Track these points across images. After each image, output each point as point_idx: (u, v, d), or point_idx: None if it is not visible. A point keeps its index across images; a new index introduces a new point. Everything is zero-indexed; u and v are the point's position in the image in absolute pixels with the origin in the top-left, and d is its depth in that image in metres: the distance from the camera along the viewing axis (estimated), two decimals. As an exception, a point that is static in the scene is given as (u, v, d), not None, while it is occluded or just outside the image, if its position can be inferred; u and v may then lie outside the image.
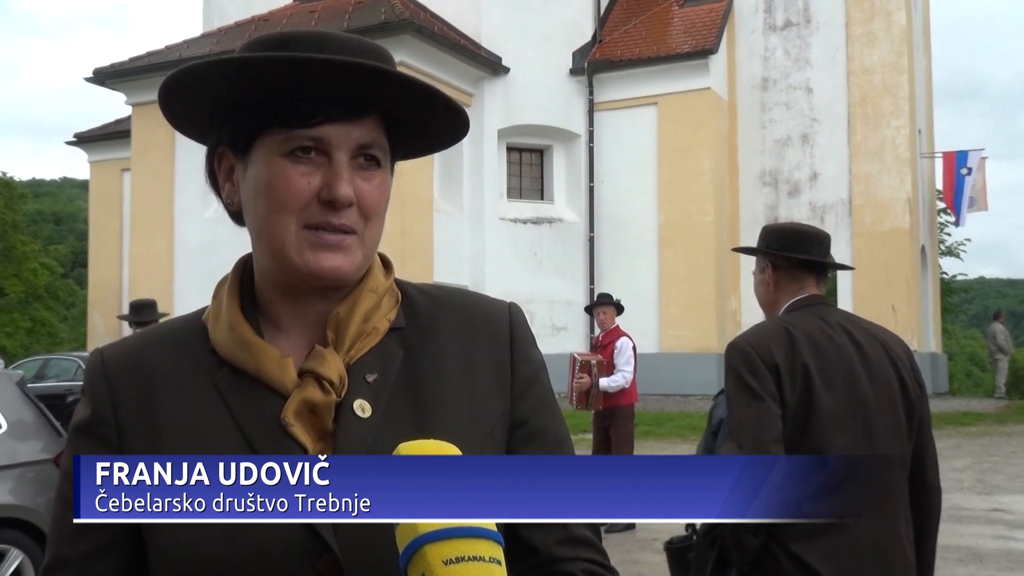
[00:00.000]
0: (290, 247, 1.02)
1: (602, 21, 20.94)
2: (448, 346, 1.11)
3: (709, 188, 18.79)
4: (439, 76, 16.94)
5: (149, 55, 19.22)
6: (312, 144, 1.01)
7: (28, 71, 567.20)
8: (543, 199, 20.19)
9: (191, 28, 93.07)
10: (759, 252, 2.81)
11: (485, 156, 18.94)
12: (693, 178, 18.79)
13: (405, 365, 1.08)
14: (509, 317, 1.15)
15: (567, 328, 19.26)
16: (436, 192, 18.08)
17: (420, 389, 1.07)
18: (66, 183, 77.95)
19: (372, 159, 1.04)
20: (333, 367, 1.03)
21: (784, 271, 2.74)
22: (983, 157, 20.19)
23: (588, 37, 20.49)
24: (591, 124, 19.97)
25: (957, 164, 19.96)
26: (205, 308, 1.13)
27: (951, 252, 28.86)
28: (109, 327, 21.17)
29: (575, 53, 20.17)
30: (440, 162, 18.10)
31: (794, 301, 2.70)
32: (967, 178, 19.77)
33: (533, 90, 19.43)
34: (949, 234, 27.73)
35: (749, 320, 19.45)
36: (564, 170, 20.19)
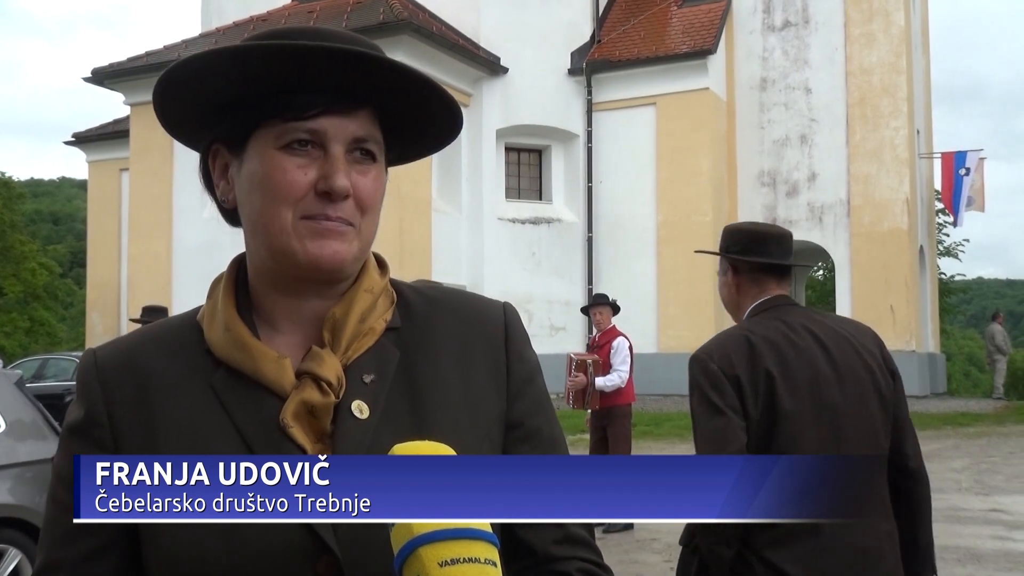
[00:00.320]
0: (288, 237, 1.02)
1: (600, 21, 20.94)
2: (444, 346, 1.10)
3: (707, 188, 18.79)
4: (438, 76, 16.92)
5: (148, 55, 19.21)
6: (308, 137, 1.01)
7: (27, 71, 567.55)
8: (541, 199, 20.19)
9: (190, 28, 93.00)
10: (717, 254, 2.79)
11: (483, 156, 18.94)
12: (691, 178, 18.78)
13: (402, 365, 1.07)
14: (504, 317, 1.15)
15: (565, 328, 19.26)
16: (434, 192, 18.08)
17: (417, 390, 1.07)
18: (64, 183, 77.91)
19: (367, 153, 1.05)
20: (331, 368, 1.03)
21: (745, 274, 2.73)
22: (981, 158, 20.18)
23: (587, 37, 20.49)
24: (589, 124, 19.96)
25: (955, 165, 19.96)
26: (199, 308, 1.12)
27: (949, 252, 28.87)
28: (108, 327, 21.17)
29: (574, 53, 20.16)
30: (438, 162, 18.09)
31: (756, 304, 2.70)
32: (965, 178, 19.77)
33: (532, 90, 19.43)
34: (947, 234, 27.76)
35: (747, 320, 19.48)
36: (562, 170, 20.18)
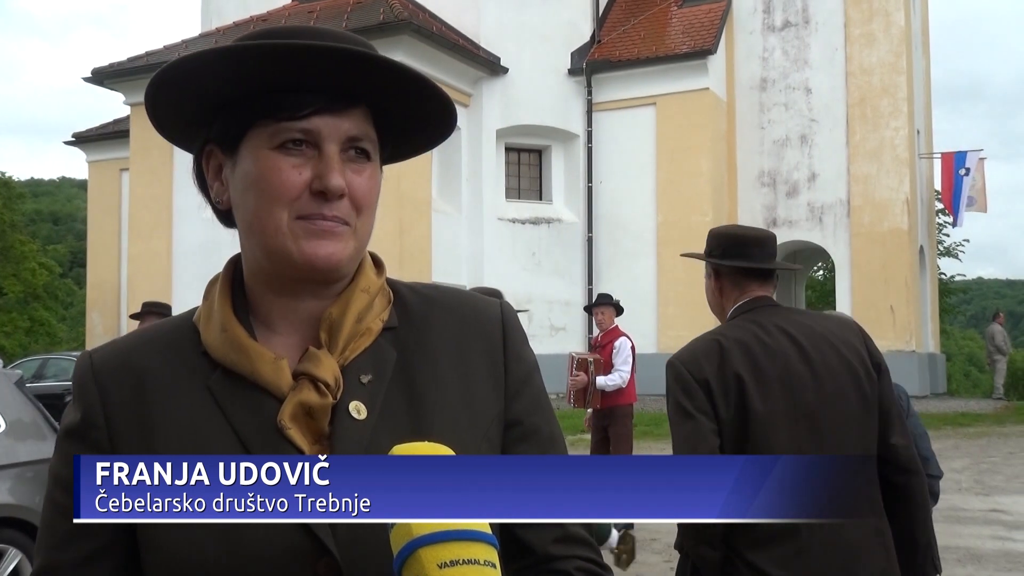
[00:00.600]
0: (283, 237, 1.01)
1: (601, 21, 20.93)
2: (442, 346, 1.10)
3: (707, 189, 18.78)
4: (437, 76, 16.92)
5: (147, 55, 19.20)
6: (302, 136, 1.01)
7: (27, 71, 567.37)
8: (541, 199, 20.18)
9: (189, 28, 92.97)
10: (700, 258, 2.84)
11: (483, 156, 18.93)
12: (691, 178, 18.78)
13: (399, 366, 1.07)
14: (502, 316, 1.15)
15: (565, 328, 19.25)
16: (434, 192, 18.07)
17: (415, 390, 1.06)
18: (64, 183, 77.88)
19: (362, 152, 1.04)
20: (328, 369, 1.02)
21: (726, 277, 2.77)
22: (981, 158, 20.18)
23: (587, 37, 20.48)
24: (589, 124, 19.95)
25: (955, 165, 19.95)
26: (195, 309, 1.12)
27: (949, 253, 28.87)
28: (108, 327, 21.16)
29: (574, 53, 20.15)
30: (438, 162, 18.09)
31: (737, 306, 2.74)
32: (965, 179, 19.76)
33: (531, 90, 19.42)
34: (947, 235, 27.75)
35: (747, 320, 19.47)
36: (562, 170, 20.17)
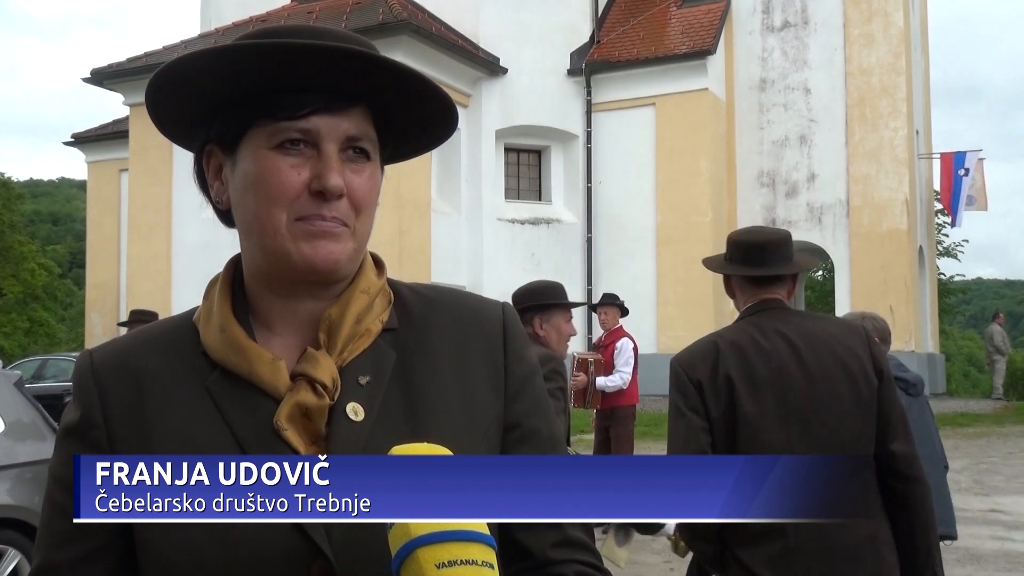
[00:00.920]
0: (282, 238, 1.01)
1: (600, 22, 20.93)
2: (442, 347, 1.09)
3: (707, 189, 18.78)
4: (437, 77, 16.92)
5: (147, 56, 19.20)
6: (301, 136, 1.00)
7: (25, 71, 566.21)
8: (541, 200, 20.18)
9: (189, 29, 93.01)
10: (712, 268, 2.96)
11: (483, 157, 18.93)
12: (691, 179, 18.78)
13: (398, 367, 1.06)
14: (503, 318, 1.14)
15: (565, 329, 19.22)
16: (434, 193, 18.07)
17: (414, 391, 1.05)
18: (64, 183, 77.85)
19: (361, 151, 1.04)
20: (326, 370, 1.02)
21: (736, 281, 2.87)
22: (980, 158, 20.19)
23: (586, 38, 20.48)
24: (589, 125, 19.95)
25: (955, 165, 19.96)
26: (195, 309, 1.12)
27: (949, 253, 28.88)
28: (107, 328, 21.15)
29: (573, 54, 20.16)
30: (438, 163, 18.09)
31: (745, 308, 2.84)
32: (964, 179, 19.77)
33: (531, 91, 19.42)
34: (947, 235, 27.74)
35: (747, 321, 19.48)
36: (562, 171, 20.18)
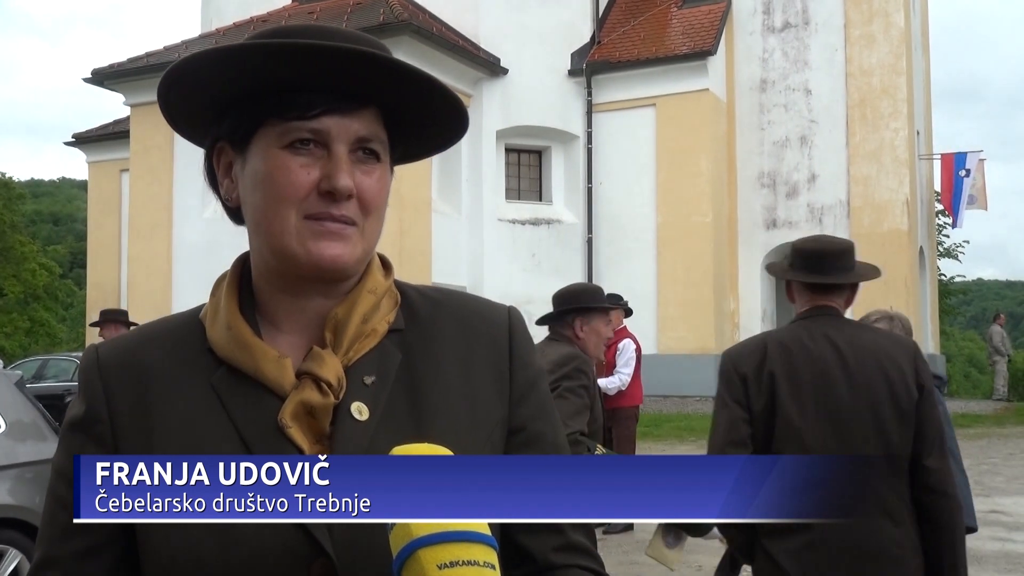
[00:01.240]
0: (290, 237, 1.01)
1: (600, 22, 20.93)
2: (447, 349, 1.09)
3: (707, 189, 18.77)
4: (438, 77, 16.87)
5: (148, 56, 19.18)
6: (311, 136, 1.00)
7: (25, 71, 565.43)
8: (541, 200, 20.17)
9: (189, 29, 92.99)
10: (777, 275, 3.14)
11: (483, 157, 18.92)
12: (691, 179, 18.77)
13: (404, 367, 1.06)
14: (508, 322, 1.14)
15: (565, 329, 19.23)
16: (434, 193, 18.06)
17: (418, 392, 1.06)
18: (64, 183, 77.85)
19: (371, 153, 1.04)
20: (331, 369, 1.02)
21: (795, 286, 3.02)
22: (981, 159, 20.19)
23: (586, 38, 20.48)
24: (589, 125, 19.94)
25: (955, 166, 19.96)
26: (202, 305, 1.12)
27: (949, 254, 28.89)
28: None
29: (573, 54, 20.15)
30: (438, 163, 18.07)
31: (800, 312, 2.98)
32: (965, 180, 19.77)
33: (531, 91, 19.41)
34: (947, 236, 27.75)
35: (747, 322, 19.47)
36: (562, 171, 20.17)
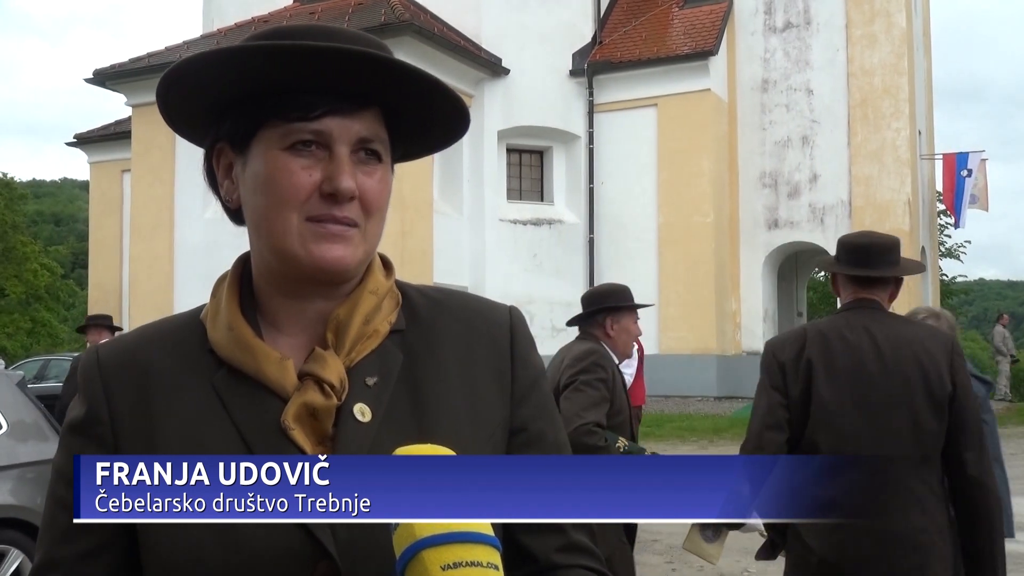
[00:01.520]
0: (292, 239, 1.00)
1: (602, 22, 20.93)
2: (449, 350, 1.09)
3: (709, 189, 18.77)
4: (439, 77, 16.88)
5: (149, 56, 19.20)
6: (313, 137, 1.00)
7: (26, 72, 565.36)
8: (543, 200, 20.17)
9: (190, 29, 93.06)
10: (821, 268, 3.26)
11: (485, 157, 18.93)
12: (693, 179, 18.77)
13: (406, 368, 1.06)
14: (510, 322, 1.14)
15: (566, 330, 19.22)
16: (436, 193, 18.07)
17: (421, 393, 1.05)
18: (66, 184, 77.93)
19: (373, 153, 1.03)
20: (333, 370, 1.01)
21: (840, 279, 3.12)
22: (983, 159, 20.18)
23: (588, 38, 20.48)
24: (591, 125, 19.95)
25: (957, 166, 19.94)
26: (203, 306, 1.11)
27: (951, 254, 28.87)
28: (109, 328, 21.13)
29: (575, 54, 20.15)
30: (440, 163, 18.08)
31: (843, 304, 3.09)
32: (967, 180, 19.76)
33: (533, 91, 19.41)
34: (949, 236, 27.73)
35: (748, 322, 19.47)
36: (564, 171, 20.17)
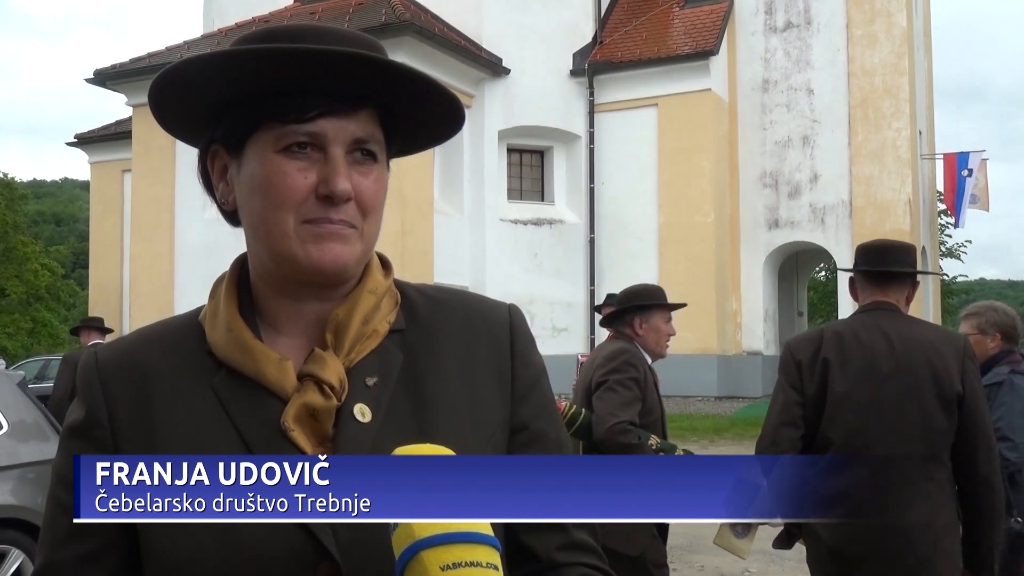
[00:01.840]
0: (289, 242, 1.00)
1: (602, 22, 20.93)
2: (448, 349, 1.09)
3: (709, 189, 18.77)
4: (439, 77, 16.79)
5: (150, 56, 19.21)
6: (308, 139, 0.99)
7: (27, 72, 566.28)
8: (543, 200, 20.18)
9: (190, 29, 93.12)
10: (844, 270, 3.37)
11: (485, 157, 18.93)
12: (693, 179, 18.77)
13: (405, 368, 1.06)
14: (509, 320, 1.13)
15: (567, 329, 19.24)
16: (436, 193, 18.07)
17: (421, 393, 1.05)
18: (67, 184, 77.99)
19: (368, 154, 1.03)
20: (333, 371, 1.01)
21: (857, 281, 3.23)
22: (984, 159, 20.17)
23: (588, 38, 20.48)
24: (591, 125, 19.95)
25: (958, 166, 19.94)
26: (202, 307, 1.11)
27: (951, 254, 28.89)
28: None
29: (575, 54, 20.15)
30: (440, 163, 18.09)
31: (859, 306, 3.20)
32: (968, 179, 19.76)
33: (533, 91, 19.42)
34: (950, 235, 27.76)
35: (749, 321, 19.47)
36: (564, 171, 20.17)
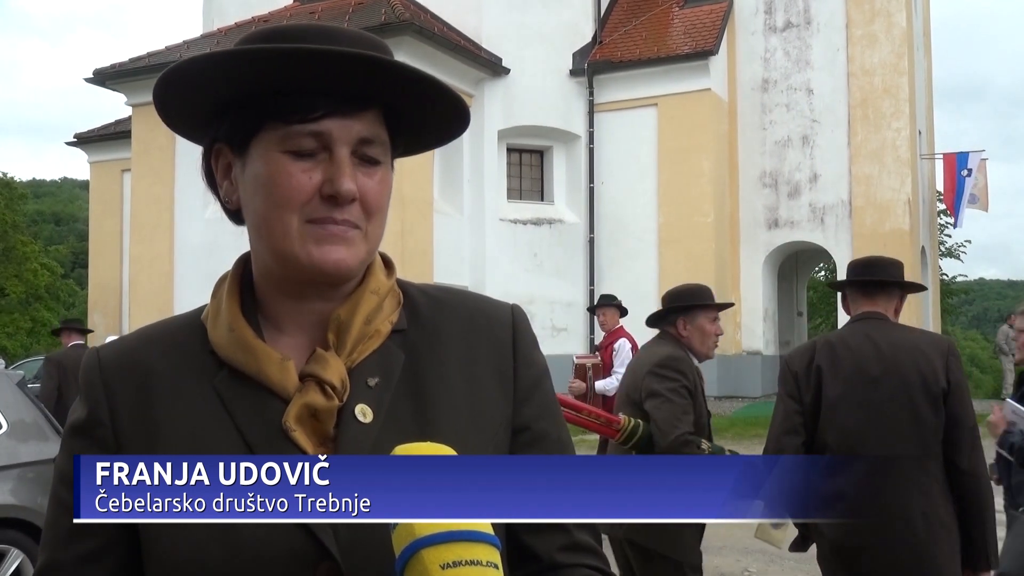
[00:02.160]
0: (292, 242, 1.00)
1: (602, 22, 20.92)
2: (451, 349, 1.09)
3: (709, 189, 18.77)
4: (439, 77, 16.85)
5: (149, 56, 19.19)
6: (312, 139, 0.99)
7: (26, 71, 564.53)
8: (543, 200, 20.16)
9: (190, 29, 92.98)
10: (830, 286, 3.63)
11: (485, 157, 18.92)
12: (693, 179, 18.76)
13: (407, 368, 1.06)
14: (512, 320, 1.13)
15: (567, 329, 19.23)
16: (436, 193, 18.06)
17: (423, 393, 1.05)
18: (66, 183, 77.89)
19: (373, 154, 1.03)
20: (335, 371, 1.01)
21: (848, 295, 3.41)
22: (983, 159, 20.17)
23: (588, 38, 20.47)
24: (591, 125, 19.94)
25: (957, 165, 19.94)
26: (204, 307, 1.11)
27: (951, 253, 28.87)
28: (110, 328, 21.16)
29: (575, 54, 20.14)
30: (440, 163, 18.08)
31: (850, 317, 3.38)
32: (967, 179, 19.76)
33: (533, 91, 19.40)
34: (949, 235, 27.74)
35: (749, 321, 19.47)
36: (564, 171, 20.16)
